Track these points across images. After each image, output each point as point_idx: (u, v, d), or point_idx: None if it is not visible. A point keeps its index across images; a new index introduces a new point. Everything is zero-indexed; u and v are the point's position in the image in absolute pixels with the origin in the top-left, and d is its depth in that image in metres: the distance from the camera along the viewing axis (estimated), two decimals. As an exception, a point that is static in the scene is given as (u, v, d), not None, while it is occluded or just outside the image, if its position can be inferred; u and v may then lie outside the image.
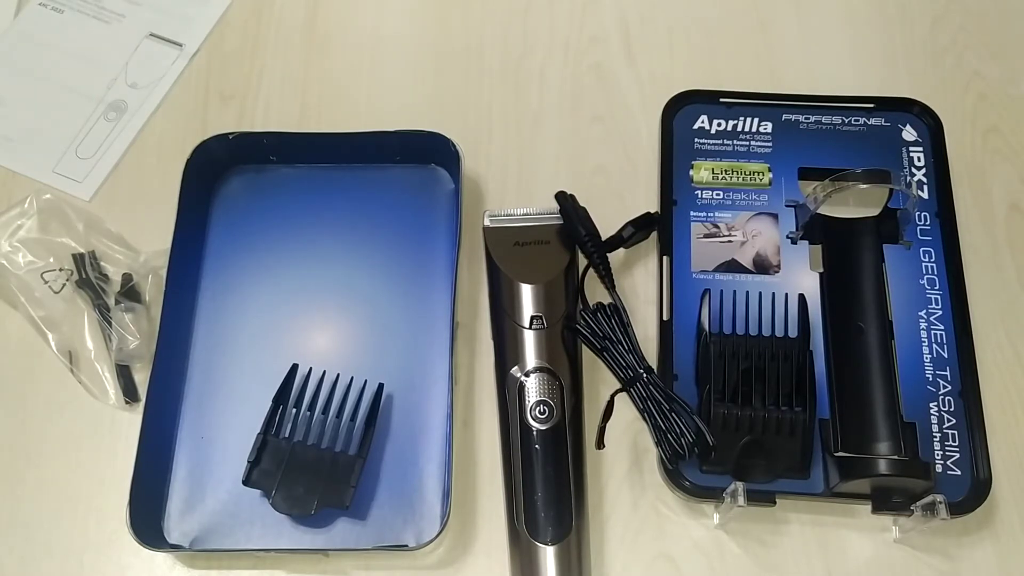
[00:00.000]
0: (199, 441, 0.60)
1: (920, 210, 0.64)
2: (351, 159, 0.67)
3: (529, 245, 0.63)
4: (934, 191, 0.65)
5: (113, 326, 0.62)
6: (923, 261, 0.63)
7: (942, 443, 0.58)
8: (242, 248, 0.65)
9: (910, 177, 0.65)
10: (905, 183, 0.63)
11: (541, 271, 0.61)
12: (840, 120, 0.68)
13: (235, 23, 0.75)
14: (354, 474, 0.56)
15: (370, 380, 0.59)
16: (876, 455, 0.56)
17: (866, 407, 0.58)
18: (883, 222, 0.64)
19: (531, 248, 0.62)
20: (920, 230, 0.64)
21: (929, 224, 0.64)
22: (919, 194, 0.65)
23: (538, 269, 0.61)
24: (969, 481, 0.57)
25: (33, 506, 0.59)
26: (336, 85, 0.72)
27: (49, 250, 0.64)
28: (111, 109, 0.71)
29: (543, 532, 0.55)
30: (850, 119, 0.68)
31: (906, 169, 0.66)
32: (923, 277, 0.62)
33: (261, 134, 0.67)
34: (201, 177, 0.66)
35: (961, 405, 0.59)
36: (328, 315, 0.64)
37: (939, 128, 0.68)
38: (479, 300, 0.64)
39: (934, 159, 0.66)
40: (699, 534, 0.58)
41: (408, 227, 0.66)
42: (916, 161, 0.66)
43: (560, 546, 0.55)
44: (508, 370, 0.59)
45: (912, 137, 0.67)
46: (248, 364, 0.62)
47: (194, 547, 0.57)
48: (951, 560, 0.57)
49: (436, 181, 0.68)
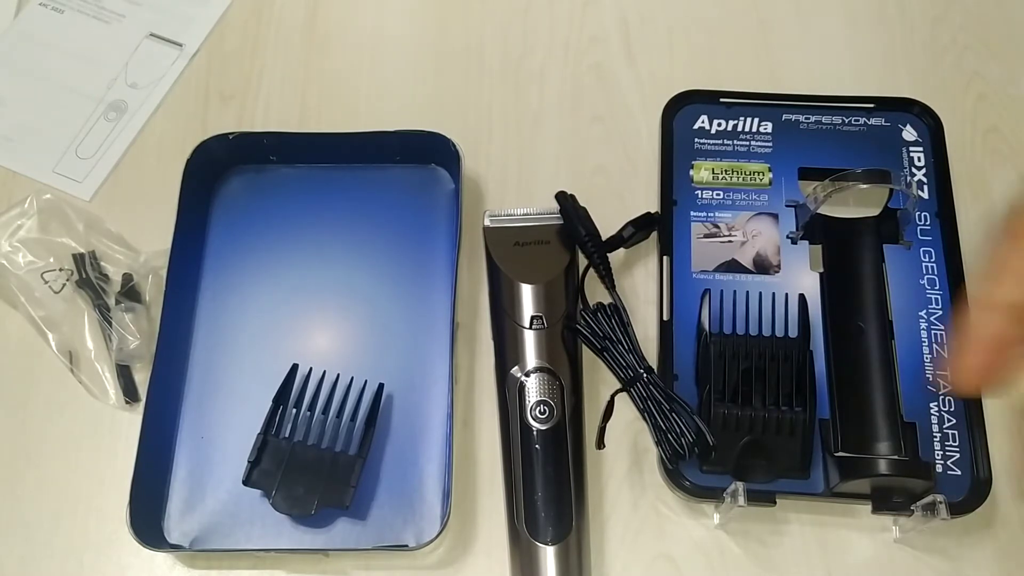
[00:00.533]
0: (199, 441, 0.60)
1: (920, 210, 0.64)
2: (351, 159, 0.67)
3: (529, 245, 0.63)
4: (934, 191, 0.65)
5: (113, 326, 0.62)
6: (923, 261, 0.63)
7: (942, 443, 0.57)
8: (242, 248, 0.65)
9: (910, 177, 0.65)
10: (905, 183, 0.62)
11: (541, 271, 0.61)
12: (840, 120, 0.68)
13: (235, 23, 0.75)
14: (354, 474, 0.56)
15: (370, 380, 0.59)
16: (876, 455, 0.56)
17: (866, 407, 0.58)
18: (883, 222, 0.64)
19: (531, 248, 0.62)
20: (920, 230, 0.64)
21: (929, 224, 0.64)
22: (919, 194, 0.65)
23: (538, 269, 0.61)
24: (969, 481, 0.56)
25: (33, 506, 0.59)
26: (336, 85, 0.72)
27: (49, 250, 0.64)
28: (111, 109, 0.71)
29: (543, 532, 0.55)
30: (850, 119, 0.68)
31: (906, 169, 0.66)
32: (923, 277, 0.62)
33: (261, 134, 0.67)
34: (201, 177, 0.66)
35: (961, 405, 0.58)
36: (328, 315, 0.63)
37: (939, 128, 0.67)
38: (479, 300, 0.63)
39: (934, 159, 0.66)
40: (699, 534, 0.57)
41: (408, 227, 0.66)
42: (916, 161, 0.66)
43: (560, 546, 0.55)
44: (508, 370, 0.59)
45: (912, 137, 0.67)
46: (248, 364, 0.62)
47: (194, 547, 0.57)
48: (951, 560, 0.57)
49: (436, 181, 0.67)
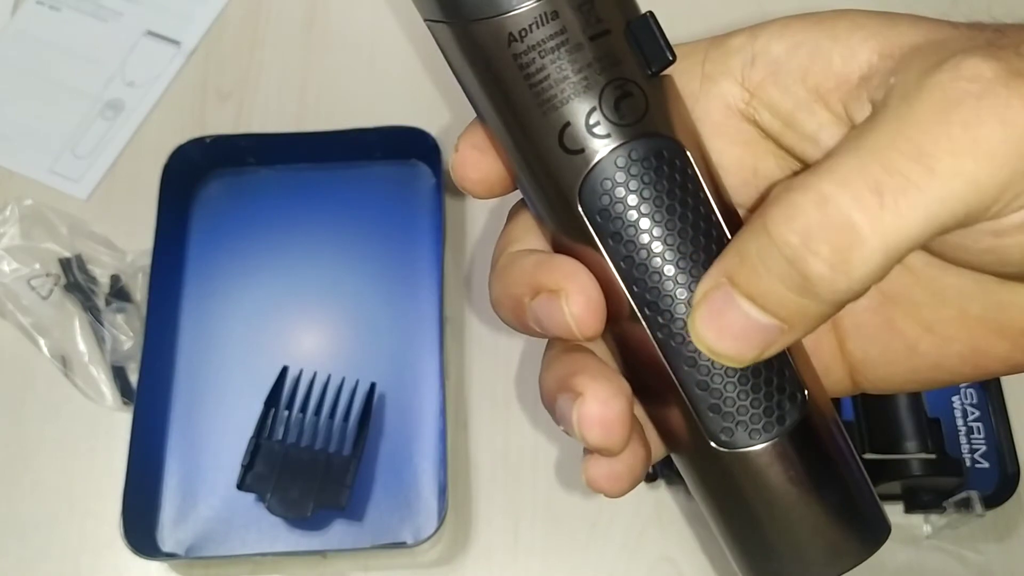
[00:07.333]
0: (190, 448, 0.59)
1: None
2: (330, 158, 0.67)
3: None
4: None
5: (106, 327, 0.61)
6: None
7: (968, 436, 0.56)
8: (225, 252, 0.65)
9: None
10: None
11: None
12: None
13: (233, 20, 0.74)
14: (349, 474, 0.56)
15: (361, 379, 0.59)
16: (905, 454, 0.54)
17: (891, 407, 0.56)
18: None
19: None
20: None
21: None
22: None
23: None
24: (997, 474, 0.55)
25: (30, 510, 0.58)
26: (335, 82, 0.71)
27: (34, 256, 0.63)
28: (108, 107, 0.70)
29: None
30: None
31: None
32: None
33: (238, 136, 0.66)
34: (180, 182, 0.65)
35: (984, 396, 0.57)
36: (316, 315, 0.63)
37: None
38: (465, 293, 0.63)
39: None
40: (705, 536, 0.56)
41: (392, 224, 0.65)
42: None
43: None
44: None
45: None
46: (237, 368, 0.61)
47: (190, 555, 0.56)
48: (982, 554, 0.55)
49: (418, 177, 0.67)
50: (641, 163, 0.28)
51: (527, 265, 0.30)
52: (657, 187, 0.28)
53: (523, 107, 0.28)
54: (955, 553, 0.55)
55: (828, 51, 0.28)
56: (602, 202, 0.28)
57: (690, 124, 0.30)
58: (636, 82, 0.28)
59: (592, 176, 0.28)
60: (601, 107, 0.28)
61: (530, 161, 0.29)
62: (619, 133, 0.28)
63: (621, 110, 0.28)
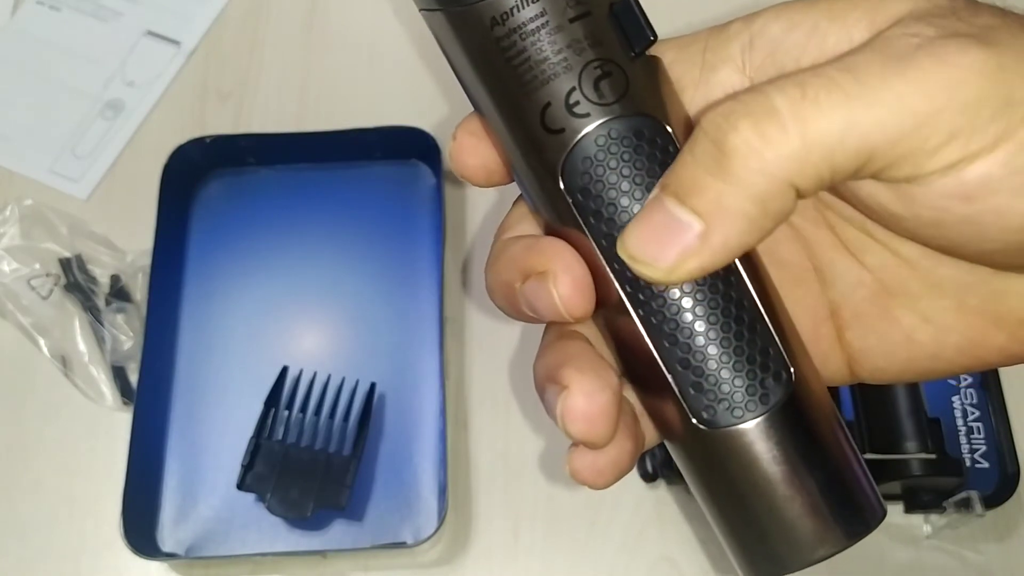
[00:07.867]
0: (190, 448, 0.59)
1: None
2: (330, 158, 0.67)
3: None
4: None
5: (106, 327, 0.61)
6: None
7: (968, 436, 0.56)
8: (225, 252, 0.65)
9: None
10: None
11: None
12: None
13: (233, 20, 0.74)
14: (349, 474, 0.56)
15: (361, 379, 0.59)
16: (905, 454, 0.54)
17: (891, 407, 0.56)
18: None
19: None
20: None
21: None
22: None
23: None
24: (997, 474, 0.55)
25: (30, 510, 0.58)
26: (335, 82, 0.71)
27: (34, 256, 0.63)
28: (108, 107, 0.70)
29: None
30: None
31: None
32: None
33: (238, 136, 0.66)
34: (180, 182, 0.65)
35: (984, 396, 0.57)
36: (316, 315, 0.63)
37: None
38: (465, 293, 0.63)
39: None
40: (705, 535, 0.56)
41: (392, 223, 0.65)
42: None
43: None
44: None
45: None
46: (236, 368, 0.61)
47: (190, 555, 0.56)
48: (982, 554, 0.55)
49: (418, 176, 0.66)
50: (621, 141, 0.28)
51: (517, 250, 0.30)
52: (637, 165, 0.28)
53: (508, 89, 0.29)
54: (955, 553, 0.55)
55: (824, 31, 0.28)
56: (583, 180, 0.29)
57: (677, 104, 0.30)
58: (616, 62, 0.28)
59: (573, 155, 0.29)
60: (581, 87, 0.28)
61: (517, 143, 0.30)
62: (599, 112, 0.28)
63: (601, 90, 0.28)
